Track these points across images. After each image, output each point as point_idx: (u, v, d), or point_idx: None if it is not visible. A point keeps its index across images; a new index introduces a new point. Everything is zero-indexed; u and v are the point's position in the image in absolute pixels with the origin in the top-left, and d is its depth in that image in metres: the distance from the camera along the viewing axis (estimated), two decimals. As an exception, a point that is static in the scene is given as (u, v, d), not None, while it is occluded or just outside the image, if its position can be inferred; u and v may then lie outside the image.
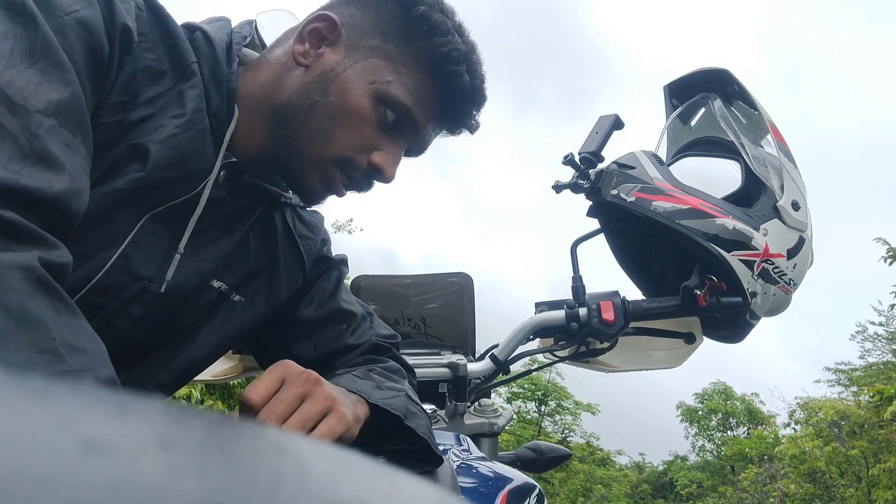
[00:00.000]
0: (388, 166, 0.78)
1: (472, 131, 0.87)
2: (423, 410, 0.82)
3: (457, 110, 0.81)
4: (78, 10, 0.60)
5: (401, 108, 0.77)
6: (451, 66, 0.77)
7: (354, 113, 0.75)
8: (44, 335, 0.48)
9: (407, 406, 0.78)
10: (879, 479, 11.73)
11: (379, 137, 0.77)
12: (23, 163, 0.52)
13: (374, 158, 0.77)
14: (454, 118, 0.83)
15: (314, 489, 0.13)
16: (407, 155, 0.84)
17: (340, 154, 0.76)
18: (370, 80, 0.76)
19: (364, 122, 0.76)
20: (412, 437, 0.76)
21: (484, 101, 0.83)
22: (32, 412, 0.12)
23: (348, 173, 0.77)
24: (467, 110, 0.82)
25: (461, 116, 0.83)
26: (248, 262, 0.85)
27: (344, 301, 0.95)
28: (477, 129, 0.87)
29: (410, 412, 0.78)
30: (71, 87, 0.57)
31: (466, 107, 0.81)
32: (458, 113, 0.82)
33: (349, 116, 0.75)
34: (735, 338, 1.30)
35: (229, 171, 0.76)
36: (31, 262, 0.49)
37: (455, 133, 0.86)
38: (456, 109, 0.81)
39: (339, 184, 0.78)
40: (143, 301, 0.72)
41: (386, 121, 0.77)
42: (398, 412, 0.75)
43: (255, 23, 0.85)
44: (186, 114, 0.70)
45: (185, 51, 0.72)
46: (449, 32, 0.78)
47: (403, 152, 0.81)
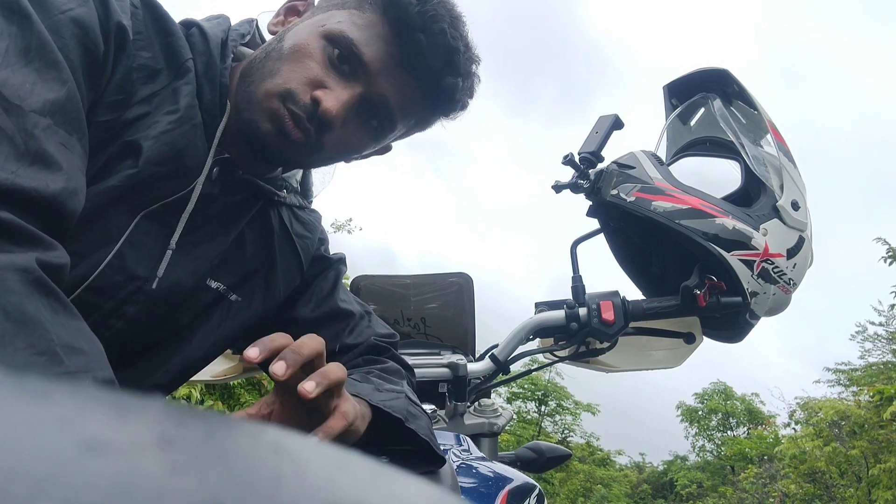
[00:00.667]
0: (329, 98, 0.73)
1: (447, 93, 0.79)
2: (423, 411, 0.82)
3: (410, 41, 0.75)
4: (73, 8, 0.60)
5: (343, 40, 0.74)
6: (420, 33, 0.74)
7: (299, 50, 0.74)
8: (41, 336, 0.47)
9: (408, 408, 0.78)
10: (879, 479, 11.73)
11: (325, 75, 0.74)
12: (19, 163, 0.51)
13: (316, 93, 0.73)
14: (413, 58, 0.75)
15: (314, 489, 0.13)
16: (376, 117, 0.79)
17: (282, 87, 0.73)
18: (321, 23, 0.76)
19: (307, 57, 0.74)
20: (414, 439, 0.76)
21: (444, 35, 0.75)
22: (32, 412, 0.12)
23: (291, 110, 0.73)
24: (423, 42, 0.74)
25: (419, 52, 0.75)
26: (245, 261, 0.84)
27: (342, 300, 0.95)
28: (451, 90, 0.79)
29: (411, 414, 0.78)
30: (66, 87, 0.57)
31: (419, 34, 0.74)
32: (412, 44, 0.75)
33: (294, 53, 0.74)
34: (735, 337, 1.31)
35: (222, 167, 0.76)
36: (28, 264, 0.49)
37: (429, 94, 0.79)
38: (409, 40, 0.75)
39: (286, 120, 0.72)
40: (138, 301, 0.72)
41: (332, 60, 0.74)
42: (399, 414, 0.75)
43: (255, 21, 0.85)
44: (179, 109, 0.70)
45: (181, 48, 0.71)
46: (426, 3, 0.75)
47: (358, 97, 0.76)
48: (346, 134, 0.77)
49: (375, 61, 0.75)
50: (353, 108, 0.76)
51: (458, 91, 0.80)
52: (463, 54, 0.78)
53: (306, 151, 0.76)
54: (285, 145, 0.74)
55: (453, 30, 0.76)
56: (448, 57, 0.76)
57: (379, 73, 0.76)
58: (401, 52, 0.75)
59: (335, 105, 0.73)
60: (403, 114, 0.80)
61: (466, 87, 0.82)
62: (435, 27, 0.74)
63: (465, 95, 0.83)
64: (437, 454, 0.79)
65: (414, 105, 0.80)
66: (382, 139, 0.83)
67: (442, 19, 0.75)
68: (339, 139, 0.77)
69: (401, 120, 0.80)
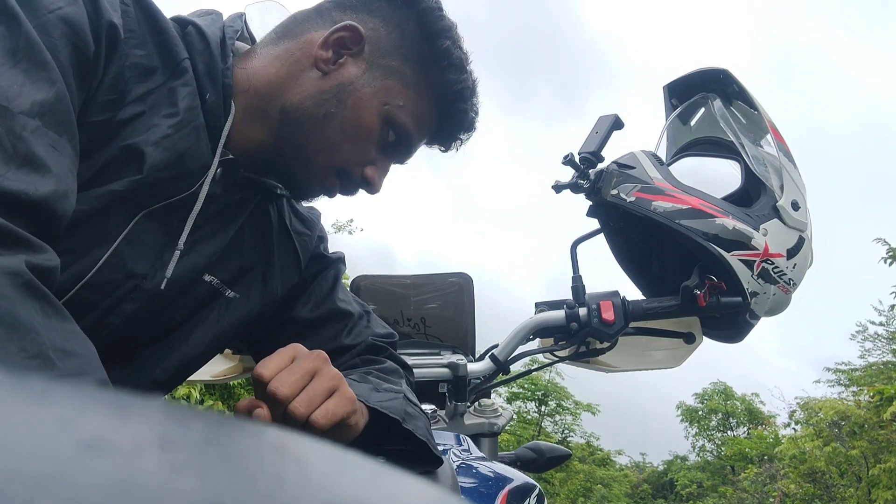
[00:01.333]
0: (378, 180, 0.82)
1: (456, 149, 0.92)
2: (421, 411, 0.82)
3: (453, 137, 0.88)
4: (61, 7, 0.59)
5: (404, 133, 0.81)
6: (461, 103, 0.83)
7: (364, 131, 0.79)
8: (33, 340, 0.47)
9: (405, 408, 0.78)
10: (879, 479, 11.73)
11: (377, 154, 0.81)
12: (7, 166, 0.51)
13: (367, 172, 0.81)
14: (446, 142, 0.89)
15: (314, 489, 0.13)
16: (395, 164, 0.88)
17: (342, 165, 0.79)
18: (384, 101, 0.79)
19: (370, 140, 0.79)
20: (412, 439, 0.76)
21: (474, 130, 0.89)
22: (32, 413, 0.12)
23: (343, 181, 0.81)
24: (463, 138, 0.89)
25: (454, 141, 0.89)
26: (242, 256, 0.84)
27: (341, 300, 0.94)
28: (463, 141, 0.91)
29: (409, 414, 0.78)
30: (55, 87, 0.56)
31: (463, 136, 0.88)
32: (453, 139, 0.88)
33: (359, 133, 0.78)
34: (735, 338, 1.30)
35: (226, 167, 0.75)
36: (18, 267, 0.48)
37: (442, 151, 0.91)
38: (453, 137, 0.88)
39: (335, 189, 0.82)
40: (136, 298, 0.71)
41: (386, 140, 0.81)
42: (396, 415, 0.75)
43: (244, 16, 0.84)
44: (179, 112, 0.69)
45: (176, 47, 0.71)
46: (464, 71, 0.82)
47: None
48: None
49: (419, 144, 0.86)
50: None
51: (466, 141, 0.91)
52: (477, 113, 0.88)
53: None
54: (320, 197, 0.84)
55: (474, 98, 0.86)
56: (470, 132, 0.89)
57: (416, 148, 0.86)
58: (440, 131, 0.87)
59: (382, 184, 0.84)
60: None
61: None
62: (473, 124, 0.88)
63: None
64: (434, 454, 0.79)
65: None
66: None
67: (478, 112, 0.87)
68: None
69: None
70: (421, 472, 0.79)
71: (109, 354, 0.55)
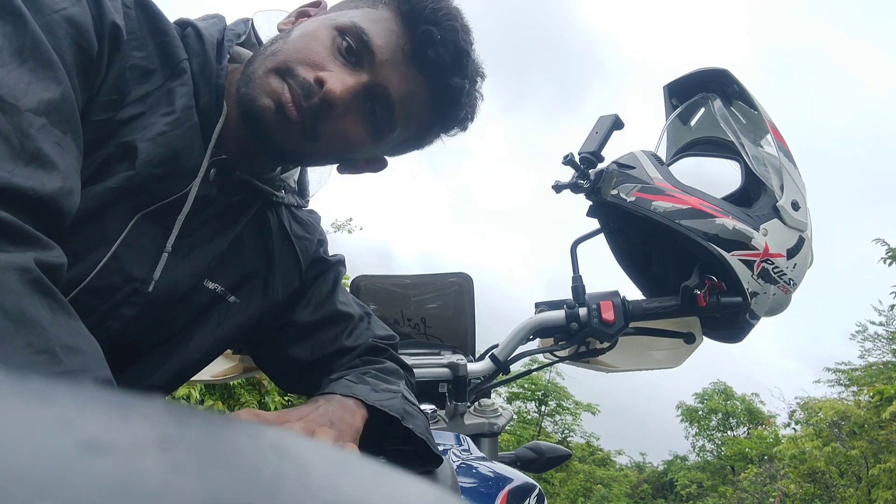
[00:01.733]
0: (335, 81, 0.71)
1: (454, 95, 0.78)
2: (420, 410, 0.82)
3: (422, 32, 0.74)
4: (66, 7, 0.60)
5: (353, 30, 0.73)
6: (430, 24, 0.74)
7: (307, 35, 0.74)
8: (40, 336, 0.47)
9: (404, 407, 0.78)
10: (879, 479, 11.73)
11: (331, 61, 0.73)
12: (15, 162, 0.51)
13: (319, 74, 0.71)
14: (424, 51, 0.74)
15: (314, 489, 0.13)
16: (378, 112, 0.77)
17: (284, 64, 0.72)
18: (332, 18, 0.77)
19: (314, 41, 0.73)
20: (411, 438, 0.76)
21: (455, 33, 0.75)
22: (33, 412, 0.12)
23: (290, 84, 0.71)
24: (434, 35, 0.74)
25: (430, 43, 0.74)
26: (243, 263, 0.84)
27: (341, 303, 0.94)
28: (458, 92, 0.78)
29: (408, 413, 0.78)
30: (61, 86, 0.57)
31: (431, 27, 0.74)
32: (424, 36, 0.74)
33: (301, 38, 0.74)
34: (735, 338, 1.30)
35: (220, 168, 0.75)
36: (26, 263, 0.49)
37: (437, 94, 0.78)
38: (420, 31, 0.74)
39: (285, 93, 0.71)
40: (135, 302, 0.71)
41: (340, 47, 0.73)
42: (396, 413, 0.75)
43: (251, 21, 0.84)
44: (175, 111, 0.69)
45: (176, 48, 0.71)
46: None
47: (363, 87, 0.74)
48: (346, 125, 0.75)
49: (384, 51, 0.74)
50: (356, 98, 0.74)
51: (463, 95, 0.79)
52: (472, 59, 0.78)
53: (303, 136, 0.73)
54: (282, 121, 0.72)
55: (464, 34, 0.76)
56: (458, 56, 0.76)
57: (387, 63, 0.74)
58: (412, 45, 0.74)
59: (339, 87, 0.71)
60: (406, 113, 0.78)
61: (471, 98, 0.81)
62: (447, 24, 0.75)
63: (468, 107, 0.82)
64: (434, 453, 0.79)
65: (418, 104, 0.78)
66: (380, 139, 0.80)
67: (454, 19, 0.75)
68: (338, 130, 0.75)
69: (402, 119, 0.78)
70: (421, 472, 0.79)
71: (109, 359, 0.55)
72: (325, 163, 0.87)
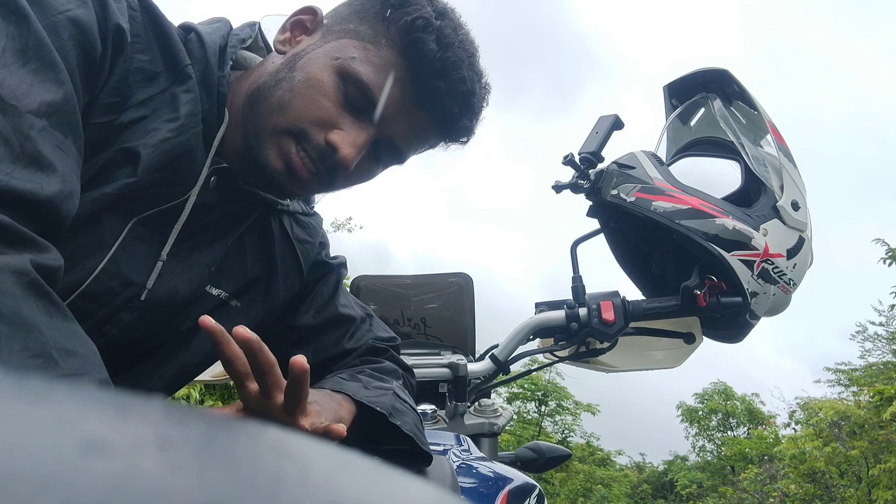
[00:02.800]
0: (345, 145, 0.72)
1: (460, 134, 0.80)
2: (412, 408, 0.81)
3: (430, 87, 0.74)
4: (71, 9, 0.60)
5: (358, 84, 0.72)
6: (416, 33, 0.72)
7: (314, 85, 0.72)
8: (37, 339, 0.47)
9: (393, 404, 0.77)
10: (879, 479, 11.72)
11: (340, 116, 0.73)
12: (14, 164, 0.51)
13: (331, 136, 0.72)
14: (431, 102, 0.75)
15: (314, 489, 0.13)
16: (385, 156, 0.80)
17: (295, 124, 0.72)
18: (335, 56, 0.74)
19: (323, 96, 0.72)
20: (398, 436, 0.76)
21: (463, 83, 0.74)
22: (32, 412, 0.12)
23: (304, 148, 0.72)
24: (442, 89, 0.74)
25: (437, 98, 0.74)
26: (246, 269, 0.83)
27: (342, 305, 0.94)
28: (465, 131, 0.80)
29: (396, 410, 0.77)
30: (63, 88, 0.57)
31: (439, 82, 0.73)
32: (431, 91, 0.74)
33: (308, 88, 0.72)
34: (735, 338, 1.31)
35: (221, 176, 0.75)
36: (23, 266, 0.48)
37: (443, 134, 0.80)
38: (428, 86, 0.74)
39: (296, 158, 0.72)
40: (133, 307, 0.71)
41: (348, 99, 0.73)
42: (383, 410, 0.74)
43: (258, 25, 0.83)
44: (180, 118, 0.69)
45: (180, 53, 0.71)
46: (419, 3, 0.74)
47: (371, 140, 0.75)
48: (358, 171, 0.78)
49: (390, 107, 0.74)
50: (366, 150, 0.76)
51: (471, 131, 0.81)
52: (479, 96, 0.79)
53: (315, 189, 0.78)
54: (294, 183, 0.74)
55: (471, 72, 0.76)
56: (465, 101, 0.76)
57: (393, 118, 0.75)
58: (418, 96, 0.75)
59: (352, 152, 0.72)
60: (414, 148, 0.81)
61: (478, 121, 0.83)
62: (455, 75, 0.74)
63: (474, 129, 0.84)
64: (423, 451, 0.78)
65: (425, 140, 0.81)
66: (389, 167, 0.84)
67: (461, 65, 0.74)
68: (350, 177, 0.79)
69: (410, 153, 0.82)
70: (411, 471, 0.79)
71: (107, 363, 0.55)
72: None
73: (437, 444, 1.09)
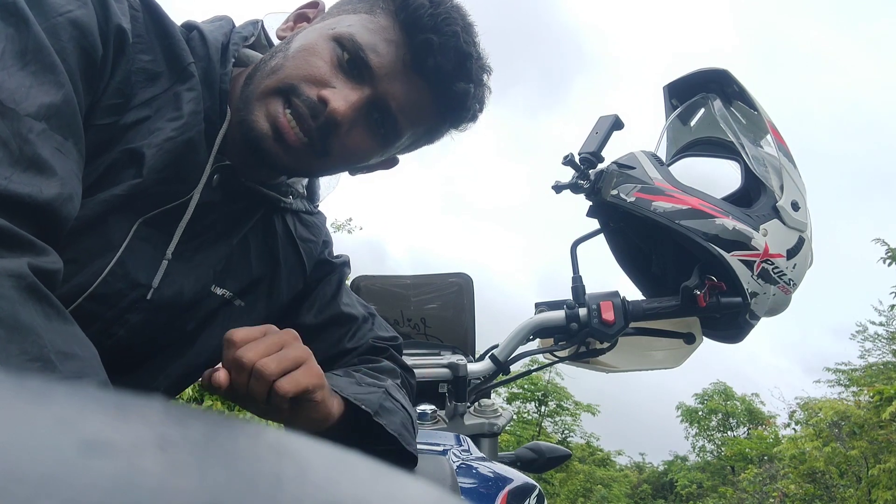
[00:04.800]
0: (338, 99, 0.70)
1: (459, 101, 0.77)
2: (403, 408, 0.80)
3: (422, 42, 0.73)
4: (71, 10, 0.59)
5: (351, 44, 0.72)
6: (428, 32, 0.72)
7: (307, 48, 0.73)
8: (34, 343, 0.47)
9: (382, 402, 0.76)
10: (879, 479, 11.72)
11: (333, 75, 0.72)
12: (13, 168, 0.51)
13: (323, 92, 0.70)
14: (424, 60, 0.73)
15: (314, 490, 0.13)
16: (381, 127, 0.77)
17: (285, 82, 0.71)
18: (331, 27, 0.75)
19: (316, 56, 0.72)
20: (383, 435, 0.75)
21: (456, 38, 0.73)
22: (32, 413, 0.12)
23: (293, 104, 0.71)
24: (435, 44, 0.72)
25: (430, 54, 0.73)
26: (250, 267, 0.83)
27: (345, 305, 0.94)
28: (463, 97, 0.77)
29: (384, 408, 0.76)
30: (63, 90, 0.57)
31: (431, 35, 0.72)
32: (424, 46, 0.73)
33: (301, 52, 0.73)
34: (735, 338, 1.30)
35: (224, 174, 0.75)
36: (20, 269, 0.48)
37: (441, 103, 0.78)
38: (421, 41, 0.73)
39: (283, 119, 0.70)
40: (140, 308, 0.71)
41: (341, 62, 0.72)
42: (368, 408, 0.73)
43: (261, 23, 0.83)
44: (183, 116, 0.69)
45: (182, 51, 0.70)
46: None
47: (365, 101, 0.74)
48: (353, 139, 0.75)
49: (385, 65, 0.73)
50: (360, 112, 0.74)
51: (469, 98, 0.78)
52: (475, 61, 0.77)
53: (309, 156, 0.74)
54: (282, 149, 0.71)
55: (466, 35, 0.75)
56: (460, 61, 0.75)
57: (388, 76, 0.74)
58: (412, 55, 0.74)
59: (343, 105, 0.70)
60: (412, 120, 0.78)
61: (478, 96, 0.80)
62: (447, 29, 0.73)
63: (476, 104, 0.81)
64: (408, 451, 0.77)
65: (423, 111, 0.78)
66: (389, 147, 0.80)
67: (454, 22, 0.74)
68: (345, 145, 0.75)
69: (409, 127, 0.78)
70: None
71: (112, 364, 0.55)
72: (335, 172, 0.87)
73: (437, 444, 1.09)
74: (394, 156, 0.89)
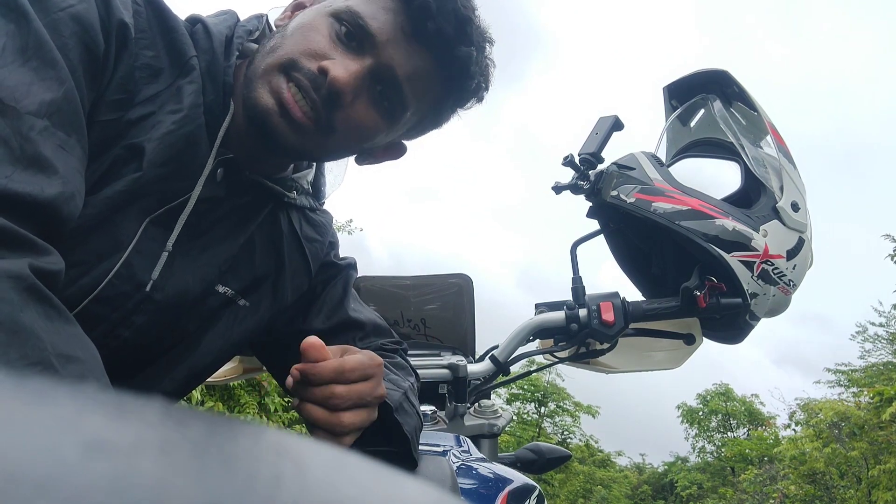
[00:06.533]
0: (339, 68, 0.69)
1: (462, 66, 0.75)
2: (416, 413, 0.81)
3: (420, 5, 0.72)
4: (73, 5, 0.59)
5: (349, 15, 0.72)
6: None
7: (306, 25, 0.73)
8: (35, 346, 0.46)
9: (401, 402, 0.77)
10: (879, 480, 11.72)
11: (332, 48, 0.72)
12: (13, 167, 0.50)
13: (323, 63, 0.70)
14: (424, 25, 0.72)
15: (314, 490, 0.13)
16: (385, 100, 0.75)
17: (285, 57, 0.71)
18: (327, 5, 0.75)
19: (314, 31, 0.72)
20: (396, 435, 0.75)
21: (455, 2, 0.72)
22: (33, 413, 0.12)
23: (294, 79, 0.70)
24: (433, 6, 0.72)
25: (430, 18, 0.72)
26: (254, 266, 0.83)
27: (353, 310, 0.93)
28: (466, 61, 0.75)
29: (402, 409, 0.76)
30: (64, 86, 0.56)
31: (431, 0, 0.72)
32: (423, 9, 0.72)
33: (300, 29, 0.73)
34: (734, 339, 1.30)
35: (228, 168, 0.74)
36: (21, 270, 0.48)
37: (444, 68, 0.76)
38: (419, 6, 0.72)
39: (287, 93, 0.70)
40: (146, 310, 0.70)
41: (339, 36, 0.72)
42: (391, 402, 0.74)
43: (265, 17, 0.83)
44: (183, 109, 0.68)
45: (185, 45, 0.70)
46: None
47: (367, 71, 0.73)
48: (358, 112, 0.73)
49: (383, 32, 0.72)
50: (363, 83, 0.72)
51: (472, 63, 0.76)
52: (475, 25, 0.75)
53: (315, 133, 0.72)
54: (288, 124, 0.70)
55: (464, 0, 0.74)
56: (460, 24, 0.73)
57: (389, 43, 0.72)
58: (411, 22, 0.72)
59: (344, 74, 0.69)
60: (416, 90, 0.76)
61: (481, 64, 0.78)
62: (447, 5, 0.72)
63: (480, 76, 0.79)
64: (412, 457, 0.77)
65: (427, 79, 0.76)
66: (395, 122, 0.78)
67: None
68: (351, 118, 0.73)
69: (413, 98, 0.76)
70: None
71: (117, 367, 0.54)
72: (342, 155, 0.84)
73: (437, 444, 1.09)
74: (401, 142, 0.87)
